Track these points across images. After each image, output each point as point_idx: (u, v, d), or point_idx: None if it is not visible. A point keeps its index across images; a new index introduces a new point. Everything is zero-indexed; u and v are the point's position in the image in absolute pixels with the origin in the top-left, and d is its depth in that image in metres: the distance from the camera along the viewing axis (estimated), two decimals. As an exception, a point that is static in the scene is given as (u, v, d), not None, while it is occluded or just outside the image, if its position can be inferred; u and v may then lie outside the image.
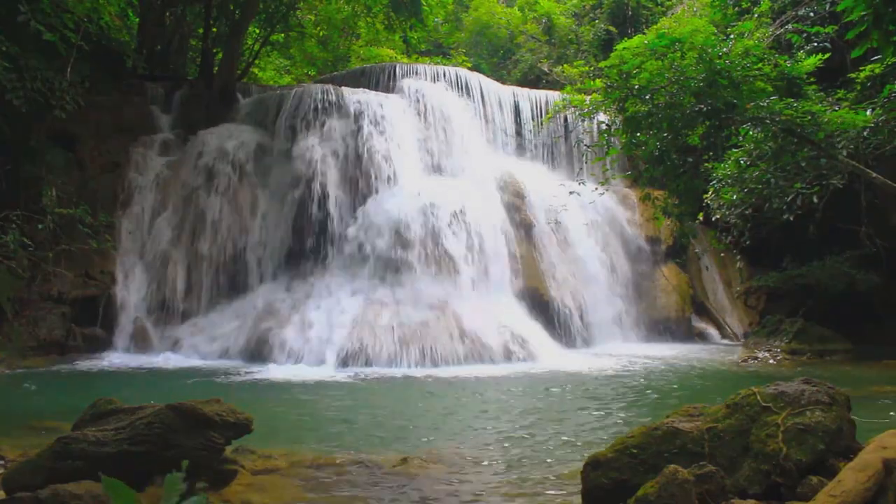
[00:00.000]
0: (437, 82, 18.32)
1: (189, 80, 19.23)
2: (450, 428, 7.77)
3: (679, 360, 13.25)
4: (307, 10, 24.00)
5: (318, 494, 5.07)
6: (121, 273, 14.38)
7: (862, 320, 15.19)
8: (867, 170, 10.72)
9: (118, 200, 15.19)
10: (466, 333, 12.98)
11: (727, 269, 18.17)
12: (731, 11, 16.30)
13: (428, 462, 5.87)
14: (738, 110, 10.46)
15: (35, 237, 12.52)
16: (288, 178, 15.40)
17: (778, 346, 13.86)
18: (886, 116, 10.43)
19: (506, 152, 18.60)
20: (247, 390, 10.06)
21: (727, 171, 11.60)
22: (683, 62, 10.56)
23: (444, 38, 30.19)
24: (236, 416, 4.79)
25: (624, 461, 4.20)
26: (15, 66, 11.80)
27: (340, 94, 16.51)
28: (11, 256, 11.91)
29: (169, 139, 16.72)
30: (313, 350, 12.62)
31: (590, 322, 15.75)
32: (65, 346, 13.19)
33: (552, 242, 16.57)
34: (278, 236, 15.20)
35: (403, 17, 22.55)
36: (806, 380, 4.37)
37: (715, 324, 17.45)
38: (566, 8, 27.35)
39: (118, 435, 4.57)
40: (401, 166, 15.62)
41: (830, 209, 13.65)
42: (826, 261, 15.56)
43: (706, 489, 3.79)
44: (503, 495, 5.09)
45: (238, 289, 14.77)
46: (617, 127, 12.35)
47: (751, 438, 4.09)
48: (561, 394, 9.98)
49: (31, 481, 4.29)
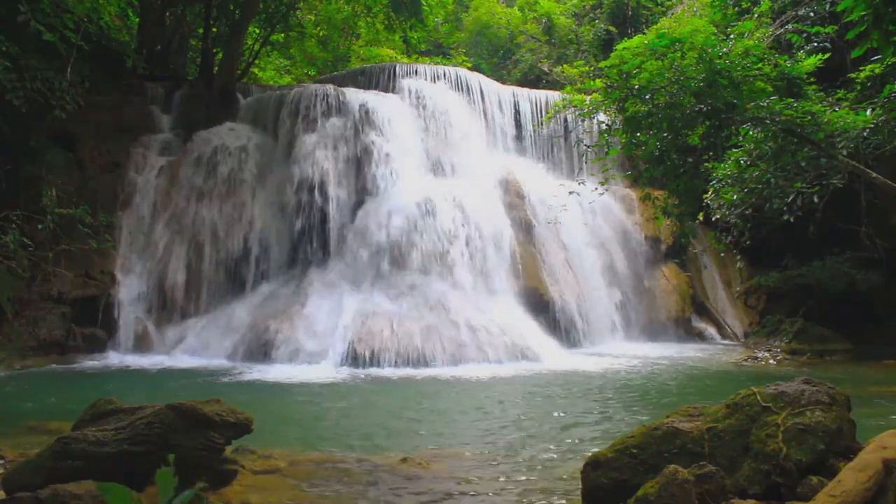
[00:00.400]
0: (437, 82, 18.33)
1: (189, 80, 19.23)
2: (450, 428, 7.77)
3: (679, 360, 13.25)
4: (307, 10, 24.01)
5: (318, 494, 5.07)
6: (121, 273, 14.38)
7: (862, 320, 15.20)
8: (867, 170, 10.71)
9: (118, 200, 15.19)
10: (466, 333, 12.97)
11: (727, 269, 18.17)
12: (731, 11, 16.31)
13: (428, 462, 5.87)
14: (738, 110, 10.46)
15: (35, 237, 12.52)
16: (288, 178, 15.40)
17: (778, 346, 13.88)
18: (886, 116, 10.43)
19: (506, 152, 18.59)
20: (247, 390, 10.06)
21: (727, 171, 11.60)
22: (683, 62, 10.56)
23: (444, 38, 30.20)
24: (236, 416, 4.79)
25: (624, 461, 4.20)
26: (15, 66, 11.80)
27: (340, 94, 16.52)
28: (11, 256, 11.91)
29: (169, 139, 16.73)
30: (313, 350, 12.62)
31: (590, 322, 15.75)
32: (65, 346, 13.18)
33: (552, 242, 16.57)
34: (278, 236, 15.20)
35: (403, 17, 22.56)
36: (806, 380, 4.37)
37: (715, 324, 17.45)
38: (566, 8, 27.36)
39: (118, 435, 4.57)
40: (401, 166, 15.63)
41: (830, 209, 13.65)
42: (826, 261, 15.56)
43: (706, 489, 3.79)
44: (503, 495, 5.09)
45: (238, 288, 14.76)
46: (617, 127, 12.35)
47: (751, 438, 4.09)
48: (561, 394, 9.98)
49: (31, 481, 4.29)
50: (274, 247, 15.17)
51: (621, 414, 8.34)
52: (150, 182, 15.60)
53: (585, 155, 17.23)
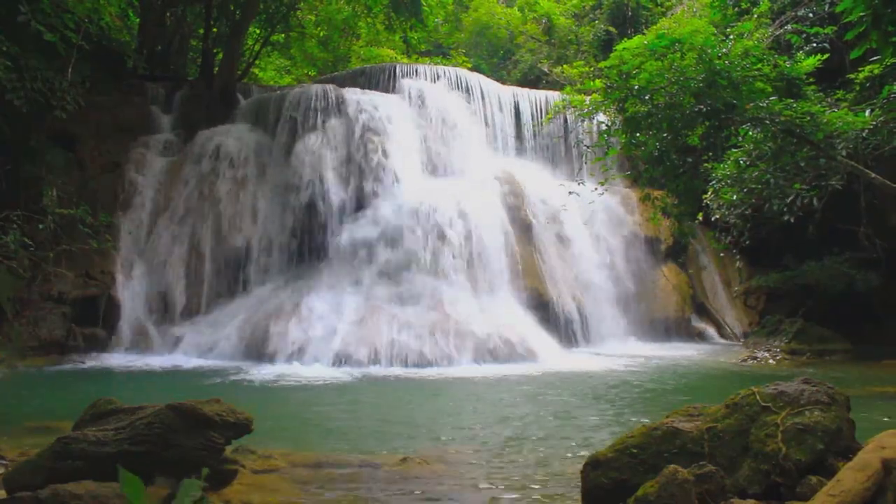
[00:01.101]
0: (437, 82, 18.34)
1: (189, 81, 19.24)
2: (450, 427, 7.78)
3: (679, 360, 13.25)
4: (307, 11, 24.01)
5: (317, 494, 5.07)
6: (121, 273, 14.38)
7: (862, 320, 15.21)
8: (866, 170, 10.72)
9: (118, 200, 15.21)
10: (466, 333, 12.98)
11: (727, 269, 18.17)
12: (731, 12, 16.31)
13: (428, 461, 5.88)
14: (737, 111, 10.47)
15: (35, 237, 12.53)
16: (288, 178, 15.41)
17: (778, 346, 13.88)
18: (885, 117, 10.45)
19: (506, 152, 18.61)
20: (247, 390, 10.06)
21: (727, 171, 11.61)
22: (683, 63, 10.57)
23: (444, 39, 30.20)
24: (236, 415, 4.79)
25: (624, 461, 4.20)
26: (15, 66, 11.80)
27: (341, 95, 16.53)
28: (12, 256, 11.90)
29: (169, 139, 16.74)
30: (313, 350, 12.62)
31: (589, 322, 15.76)
32: (65, 346, 13.19)
33: (552, 242, 16.58)
34: (278, 236, 15.21)
35: (403, 17, 22.57)
36: (805, 380, 4.37)
37: (715, 324, 17.46)
38: (566, 8, 27.36)
39: (118, 435, 4.57)
40: (401, 166, 15.63)
41: (830, 210, 13.65)
42: (826, 261, 15.56)
43: (706, 489, 3.80)
44: (503, 495, 5.09)
45: (238, 288, 14.78)
46: (617, 127, 12.36)
47: (750, 438, 4.09)
48: (561, 393, 9.98)
49: (31, 481, 4.29)
50: (274, 247, 15.17)
51: (621, 414, 8.34)
52: (151, 182, 15.61)
53: (585, 155, 17.25)
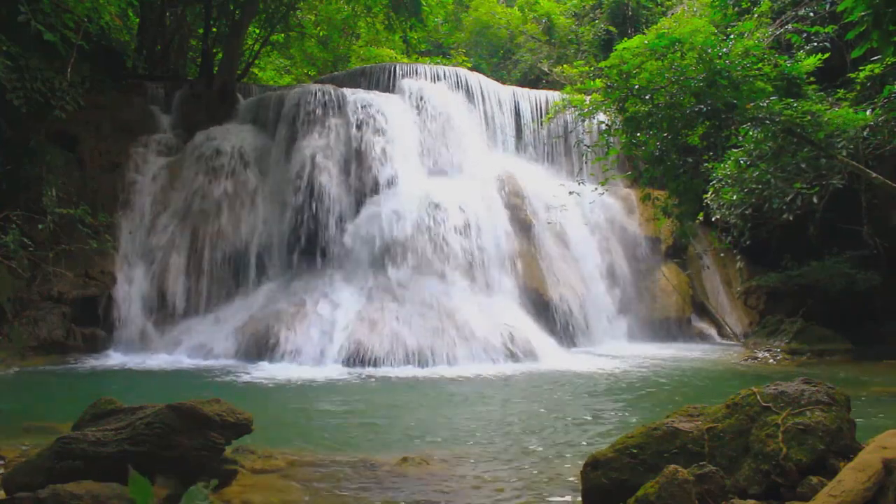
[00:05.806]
0: (438, 82, 18.32)
1: (189, 80, 19.24)
2: (449, 427, 7.77)
3: (679, 360, 13.25)
4: (307, 10, 24.01)
5: (317, 494, 5.07)
6: (121, 273, 14.38)
7: (862, 320, 15.19)
8: (867, 170, 10.72)
9: (118, 200, 15.20)
10: (466, 333, 12.97)
11: (727, 269, 18.16)
12: (731, 11, 16.30)
13: (428, 461, 5.87)
14: (738, 110, 10.47)
15: (35, 237, 12.53)
16: (288, 177, 15.40)
17: (778, 346, 13.87)
18: (886, 116, 10.45)
19: (506, 152, 18.59)
20: (247, 390, 10.06)
21: (727, 171, 11.62)
22: (683, 62, 10.57)
23: (444, 39, 30.20)
24: (236, 416, 4.79)
25: (624, 461, 4.20)
26: (15, 66, 11.81)
27: (340, 95, 16.52)
28: (11, 256, 11.92)
29: (169, 139, 16.73)
30: (314, 350, 12.61)
31: (589, 322, 15.74)
32: (65, 346, 13.18)
33: (552, 242, 16.57)
34: (278, 236, 15.20)
35: (403, 17, 22.56)
36: (806, 380, 4.36)
37: (715, 324, 17.45)
38: (566, 8, 27.36)
39: (118, 435, 4.56)
40: (401, 166, 15.63)
41: (830, 209, 13.66)
42: (826, 261, 15.55)
43: (706, 489, 3.79)
44: (503, 494, 5.09)
45: (238, 288, 14.76)
46: (617, 127, 12.36)
47: (751, 438, 4.09)
48: (561, 394, 9.98)
49: (31, 481, 4.29)
50: (274, 247, 15.16)
51: (621, 414, 8.34)
52: (150, 182, 15.61)
53: (585, 155, 17.24)
